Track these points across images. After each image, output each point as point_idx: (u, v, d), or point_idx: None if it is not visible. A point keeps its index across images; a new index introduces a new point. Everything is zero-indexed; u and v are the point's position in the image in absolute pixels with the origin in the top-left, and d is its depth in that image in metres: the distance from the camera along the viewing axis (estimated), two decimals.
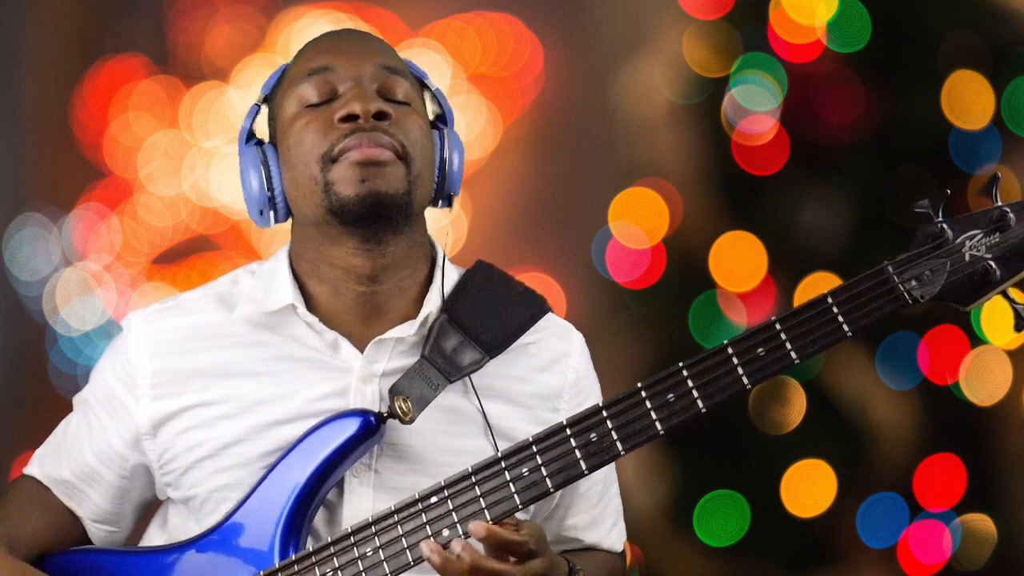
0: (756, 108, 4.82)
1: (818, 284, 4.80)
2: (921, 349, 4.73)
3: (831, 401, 4.78)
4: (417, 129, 2.56)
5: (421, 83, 2.66)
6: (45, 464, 2.67)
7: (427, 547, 2.38)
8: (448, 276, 2.62)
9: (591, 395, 2.67)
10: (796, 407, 4.77)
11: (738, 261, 4.85)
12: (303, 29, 4.84)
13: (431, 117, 2.65)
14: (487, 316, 2.59)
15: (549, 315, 2.65)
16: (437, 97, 2.65)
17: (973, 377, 4.75)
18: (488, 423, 2.56)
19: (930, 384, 4.75)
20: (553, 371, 2.63)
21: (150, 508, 2.69)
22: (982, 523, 4.74)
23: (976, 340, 4.72)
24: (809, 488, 4.77)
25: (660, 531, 4.82)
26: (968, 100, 4.79)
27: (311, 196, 2.54)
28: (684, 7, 4.88)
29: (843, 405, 4.78)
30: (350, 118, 2.53)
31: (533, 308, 2.62)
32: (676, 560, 4.82)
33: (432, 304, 2.58)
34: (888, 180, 4.81)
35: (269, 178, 2.58)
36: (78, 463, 2.64)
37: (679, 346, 4.82)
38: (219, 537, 2.54)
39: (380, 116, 2.53)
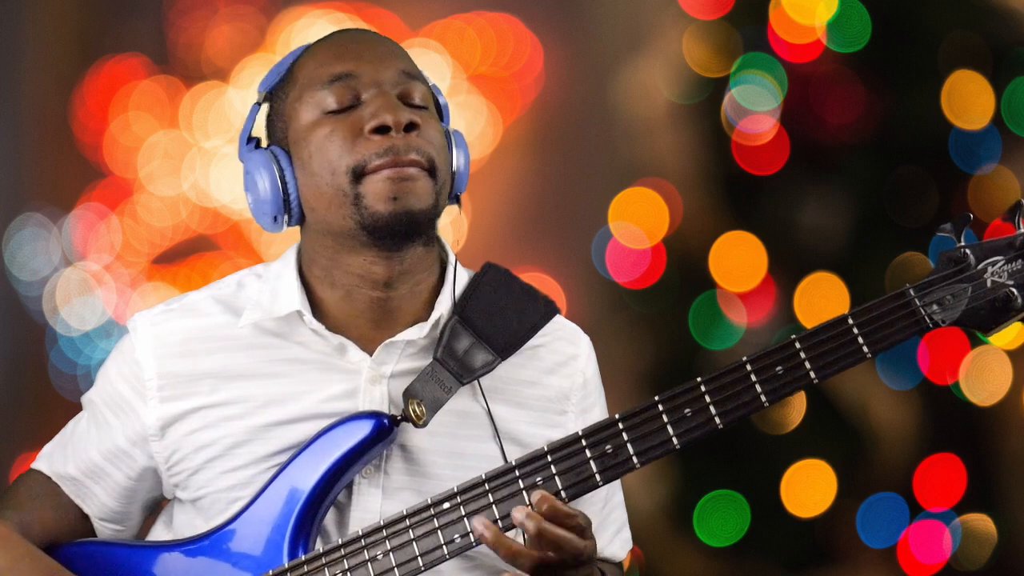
0: (756, 108, 4.82)
1: (818, 284, 4.80)
2: (921, 349, 4.73)
3: (831, 401, 4.78)
4: (438, 135, 2.55)
5: None
6: (53, 460, 2.67)
7: (480, 523, 2.37)
8: (459, 278, 2.61)
9: (597, 399, 2.67)
10: (796, 407, 4.77)
11: (738, 261, 4.85)
12: (303, 29, 4.84)
13: None
14: (498, 318, 2.58)
15: (558, 317, 2.64)
16: (433, 93, 2.63)
17: (973, 377, 4.75)
18: (495, 427, 2.55)
19: (930, 384, 4.75)
20: (561, 374, 2.62)
21: (157, 507, 2.69)
22: (982, 523, 4.75)
23: (976, 340, 4.72)
24: (809, 488, 4.77)
25: (660, 531, 4.82)
26: (968, 100, 4.79)
27: (338, 207, 2.52)
28: (684, 7, 4.88)
29: (843, 405, 4.79)
30: (382, 129, 2.51)
31: (542, 310, 2.61)
32: (676, 560, 4.82)
33: (443, 307, 2.57)
34: (888, 180, 4.81)
35: (284, 183, 2.56)
36: (84, 461, 2.64)
37: (679, 346, 4.83)
38: (228, 535, 2.53)
39: (410, 127, 2.52)
